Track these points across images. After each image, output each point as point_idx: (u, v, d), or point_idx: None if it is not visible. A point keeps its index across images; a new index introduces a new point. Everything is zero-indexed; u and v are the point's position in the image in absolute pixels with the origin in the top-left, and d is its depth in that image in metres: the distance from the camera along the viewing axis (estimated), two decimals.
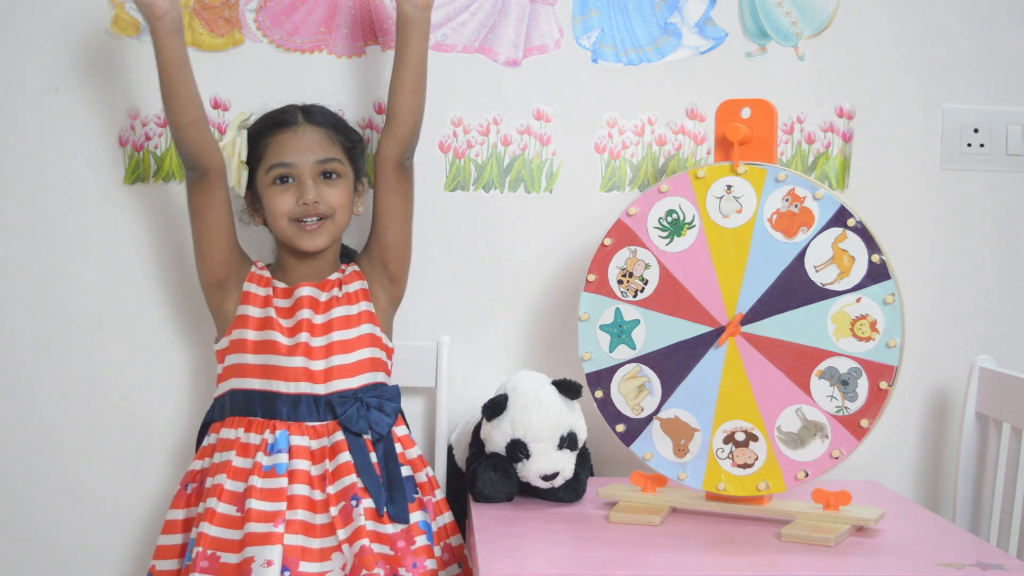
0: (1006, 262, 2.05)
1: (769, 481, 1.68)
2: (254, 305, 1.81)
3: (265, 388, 1.77)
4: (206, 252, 1.80)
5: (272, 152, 1.79)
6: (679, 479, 1.73)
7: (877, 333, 1.63)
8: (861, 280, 1.63)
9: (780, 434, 1.68)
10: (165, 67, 1.71)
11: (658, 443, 1.74)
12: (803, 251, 1.66)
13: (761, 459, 1.69)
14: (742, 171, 1.69)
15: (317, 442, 1.75)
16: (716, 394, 1.70)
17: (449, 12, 1.98)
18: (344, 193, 1.81)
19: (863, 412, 1.64)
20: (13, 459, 1.98)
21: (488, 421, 1.79)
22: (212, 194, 1.77)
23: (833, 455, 1.65)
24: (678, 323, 1.72)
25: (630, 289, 1.75)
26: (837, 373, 1.65)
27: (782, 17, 2.01)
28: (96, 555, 1.99)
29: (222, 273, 1.80)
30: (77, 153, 1.96)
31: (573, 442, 1.78)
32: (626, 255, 1.76)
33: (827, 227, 1.65)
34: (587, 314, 1.77)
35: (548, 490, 1.78)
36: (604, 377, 1.77)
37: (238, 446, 1.75)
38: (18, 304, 1.97)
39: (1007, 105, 2.03)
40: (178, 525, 1.79)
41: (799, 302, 1.66)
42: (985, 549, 1.60)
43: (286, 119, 1.81)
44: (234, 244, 1.82)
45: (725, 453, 1.70)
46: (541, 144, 2.00)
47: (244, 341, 1.79)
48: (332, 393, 1.77)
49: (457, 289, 2.00)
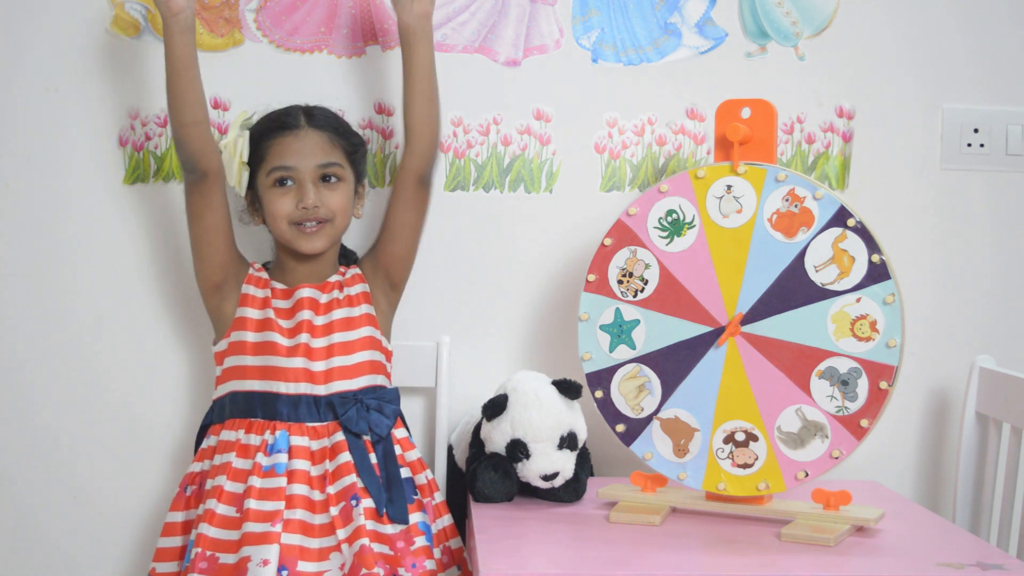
0: (1006, 262, 2.05)
1: (769, 481, 1.68)
2: (253, 307, 1.81)
3: (265, 389, 1.77)
4: (204, 255, 1.80)
5: (273, 155, 1.79)
6: (679, 479, 1.73)
7: (877, 333, 1.63)
8: (861, 280, 1.64)
9: (780, 434, 1.68)
10: (174, 65, 1.71)
11: (658, 443, 1.74)
12: (803, 251, 1.66)
13: (761, 459, 1.69)
14: (742, 171, 1.69)
15: (317, 443, 1.75)
16: (716, 394, 1.70)
17: (449, 12, 1.98)
18: (344, 197, 1.81)
19: (863, 412, 1.64)
20: (13, 460, 1.98)
21: (488, 421, 1.79)
22: (210, 197, 1.77)
23: (833, 455, 1.65)
24: (678, 323, 1.72)
25: (630, 289, 1.75)
26: (837, 373, 1.65)
27: (782, 17, 2.01)
28: (95, 555, 1.99)
29: (220, 276, 1.80)
30: (77, 153, 1.96)
31: (573, 442, 1.78)
32: (626, 255, 1.76)
33: (827, 227, 1.65)
34: (587, 314, 1.77)
35: (548, 490, 1.78)
36: (604, 377, 1.77)
37: (238, 447, 1.75)
38: (18, 304, 1.97)
39: (1007, 105, 2.03)
40: (177, 527, 1.78)
41: (799, 302, 1.66)
42: (985, 549, 1.60)
43: (288, 122, 1.81)
44: (232, 247, 1.82)
45: (725, 453, 1.70)
46: (541, 144, 2.00)
47: (243, 343, 1.79)
48: (332, 394, 1.77)
49: (457, 289, 2.00)
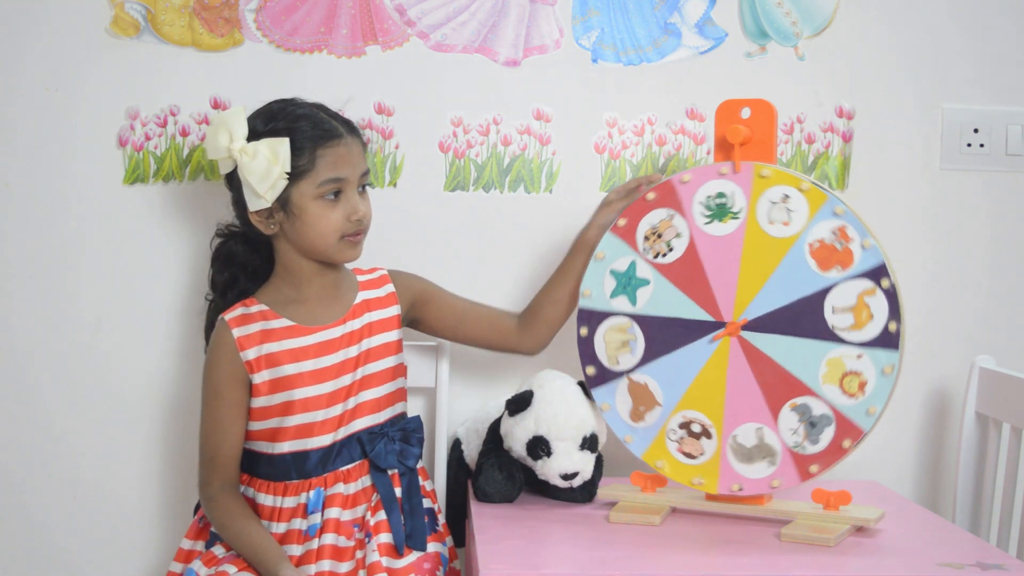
0: (1006, 262, 2.05)
1: (705, 480, 1.69)
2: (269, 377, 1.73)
3: (297, 449, 1.72)
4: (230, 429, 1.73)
5: (325, 165, 1.69)
6: (624, 441, 1.74)
7: (862, 394, 1.61)
8: (871, 340, 1.61)
9: (733, 443, 1.68)
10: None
11: (619, 400, 1.74)
12: (828, 288, 1.64)
13: (706, 456, 1.69)
14: (805, 187, 1.66)
15: (353, 485, 1.72)
16: (691, 381, 1.70)
17: (449, 12, 1.98)
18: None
19: (817, 459, 1.64)
20: (14, 460, 1.98)
21: (511, 416, 1.78)
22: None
23: (773, 484, 1.65)
24: (685, 301, 1.71)
25: (653, 249, 1.73)
26: (809, 412, 1.64)
27: (782, 17, 2.01)
28: (96, 555, 1.99)
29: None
30: (77, 153, 1.96)
31: (594, 444, 1.77)
32: (662, 215, 1.74)
33: (861, 276, 1.62)
34: (603, 253, 1.76)
35: (565, 490, 1.77)
36: (595, 319, 1.76)
37: (268, 511, 1.71)
38: (18, 304, 1.97)
39: (1007, 105, 2.03)
40: (184, 555, 1.76)
41: (804, 333, 1.64)
42: (985, 549, 1.60)
43: (334, 129, 1.71)
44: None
45: (676, 436, 1.70)
46: (541, 144, 2.00)
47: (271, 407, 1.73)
48: (362, 430, 1.73)
49: (457, 289, 1.99)
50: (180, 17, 1.95)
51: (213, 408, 1.73)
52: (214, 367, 1.73)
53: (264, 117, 1.73)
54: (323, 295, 1.76)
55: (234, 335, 1.72)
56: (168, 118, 1.96)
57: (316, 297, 1.76)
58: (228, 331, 1.72)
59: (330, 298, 1.77)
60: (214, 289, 1.82)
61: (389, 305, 1.81)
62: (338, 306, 1.77)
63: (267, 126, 1.71)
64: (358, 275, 1.82)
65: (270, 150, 1.68)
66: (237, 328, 1.72)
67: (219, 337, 1.73)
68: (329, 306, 1.76)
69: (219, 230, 1.83)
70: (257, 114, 1.74)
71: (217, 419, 1.72)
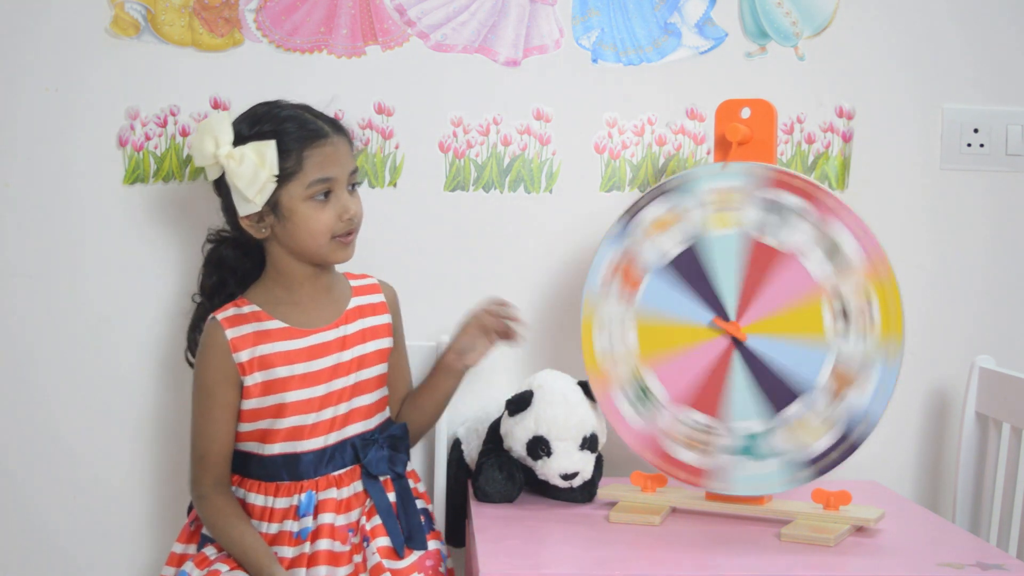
0: (1006, 262, 2.05)
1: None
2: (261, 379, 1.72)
3: (288, 451, 1.72)
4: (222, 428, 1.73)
5: (313, 166, 1.68)
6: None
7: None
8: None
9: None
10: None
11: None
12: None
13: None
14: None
15: (346, 490, 1.72)
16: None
17: (449, 12, 1.98)
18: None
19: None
20: (15, 459, 1.98)
21: (511, 416, 1.78)
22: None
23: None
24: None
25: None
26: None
27: (782, 17, 2.01)
28: (97, 555, 1.99)
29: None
30: (77, 153, 1.96)
31: (594, 444, 1.77)
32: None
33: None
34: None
35: (565, 490, 1.77)
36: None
37: (259, 511, 1.71)
38: (18, 304, 1.97)
39: (1007, 105, 2.03)
40: (176, 559, 1.75)
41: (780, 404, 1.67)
42: (985, 549, 1.60)
43: (320, 129, 1.70)
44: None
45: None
46: (541, 144, 2.00)
47: (263, 409, 1.73)
48: (354, 436, 1.74)
49: (457, 289, 2.00)
50: (180, 17, 1.95)
51: (204, 407, 1.72)
52: (206, 367, 1.72)
53: (249, 121, 1.71)
54: (316, 298, 1.76)
55: (227, 336, 1.71)
56: (168, 118, 1.96)
57: (309, 299, 1.75)
58: (221, 331, 1.71)
59: (323, 301, 1.76)
60: (202, 292, 1.82)
61: (381, 313, 1.80)
62: (331, 309, 1.76)
63: (252, 129, 1.69)
64: (350, 279, 1.82)
65: (257, 154, 1.66)
66: (231, 329, 1.71)
67: (212, 337, 1.72)
68: (322, 309, 1.76)
69: (210, 235, 1.83)
70: (242, 118, 1.73)
71: (208, 419, 1.72)
